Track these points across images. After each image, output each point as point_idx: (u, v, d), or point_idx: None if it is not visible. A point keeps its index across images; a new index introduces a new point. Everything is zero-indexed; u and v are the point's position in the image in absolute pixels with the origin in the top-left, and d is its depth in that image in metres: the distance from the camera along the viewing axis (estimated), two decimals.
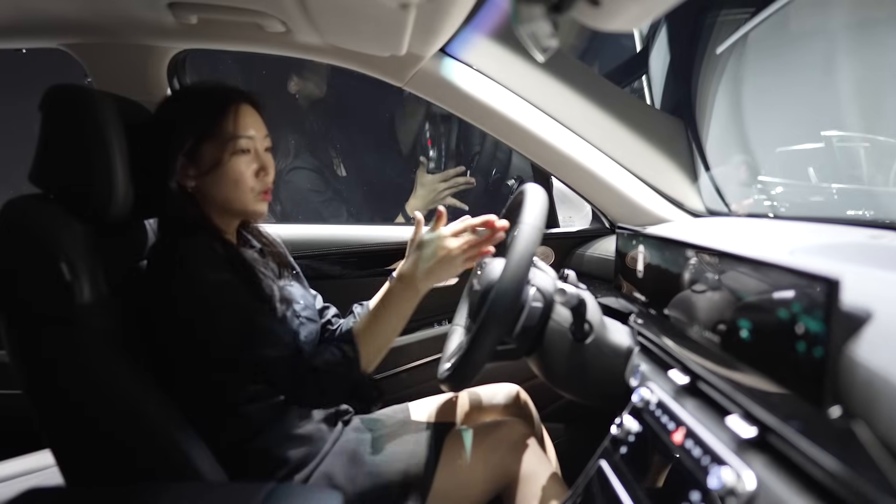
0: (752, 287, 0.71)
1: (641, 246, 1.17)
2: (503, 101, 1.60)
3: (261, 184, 1.17)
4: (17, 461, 1.51)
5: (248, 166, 1.15)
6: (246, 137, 1.14)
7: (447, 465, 1.22)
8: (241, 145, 1.13)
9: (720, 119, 1.70)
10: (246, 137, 1.14)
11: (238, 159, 1.13)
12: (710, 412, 0.78)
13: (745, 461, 0.65)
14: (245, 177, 1.14)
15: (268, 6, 1.22)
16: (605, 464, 0.91)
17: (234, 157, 1.13)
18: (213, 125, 1.12)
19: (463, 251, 1.17)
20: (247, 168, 1.14)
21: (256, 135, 1.16)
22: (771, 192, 1.62)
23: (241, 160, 1.14)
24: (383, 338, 1.17)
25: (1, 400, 1.75)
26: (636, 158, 1.65)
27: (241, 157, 1.14)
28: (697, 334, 0.87)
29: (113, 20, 1.35)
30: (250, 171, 1.15)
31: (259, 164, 1.16)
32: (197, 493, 0.94)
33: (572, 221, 1.88)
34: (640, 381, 0.98)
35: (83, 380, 0.99)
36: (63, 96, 1.07)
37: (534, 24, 0.67)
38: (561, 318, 1.13)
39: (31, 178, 1.07)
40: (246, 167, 1.14)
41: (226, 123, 1.12)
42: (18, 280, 0.99)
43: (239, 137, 1.13)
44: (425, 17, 1.11)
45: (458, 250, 1.16)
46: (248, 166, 1.14)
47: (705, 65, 1.77)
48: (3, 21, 1.36)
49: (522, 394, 1.49)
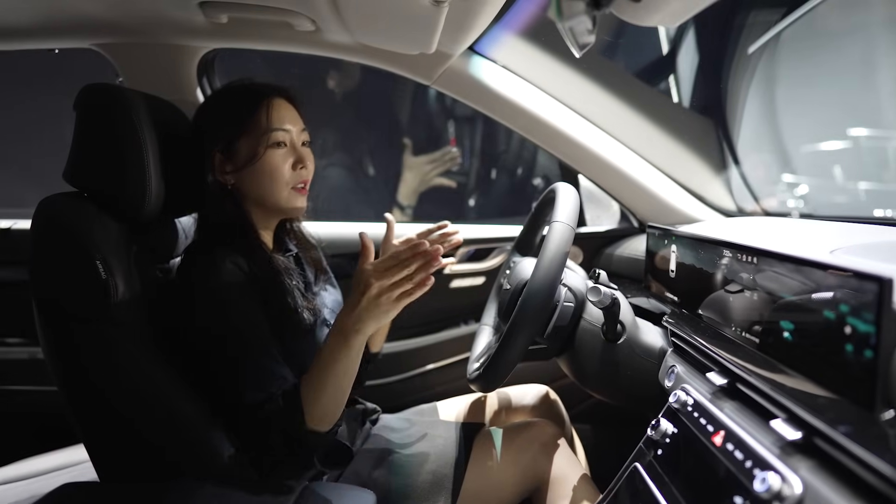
0: (793, 287, 0.69)
1: (674, 245, 1.15)
2: (531, 98, 1.59)
3: (297, 177, 1.15)
4: (52, 455, 1.53)
5: (285, 159, 1.13)
6: (281, 130, 1.12)
7: (477, 465, 1.21)
8: (277, 138, 1.12)
9: (752, 118, 1.68)
10: (281, 130, 1.12)
11: (274, 152, 1.12)
12: (751, 414, 0.76)
13: (790, 465, 0.64)
14: (281, 170, 1.13)
15: (298, 4, 1.22)
16: (640, 466, 0.89)
17: (270, 151, 1.12)
18: (247, 119, 1.11)
19: (387, 290, 0.92)
20: (283, 161, 1.13)
21: (292, 128, 1.15)
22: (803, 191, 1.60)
23: (276, 153, 1.12)
24: (329, 394, 0.99)
25: (37, 396, 1.79)
26: (666, 157, 1.64)
27: (276, 151, 1.12)
28: (735, 335, 0.85)
29: (144, 20, 1.37)
30: (287, 164, 1.13)
31: (295, 157, 1.14)
32: (228, 491, 0.95)
33: (600, 221, 1.86)
34: (674, 383, 0.97)
35: (116, 377, 1.00)
36: (97, 95, 1.08)
37: (574, 19, 0.66)
38: (592, 318, 1.12)
39: (66, 177, 1.08)
40: (282, 160, 1.13)
41: (260, 117, 1.11)
42: (54, 278, 1.01)
43: (273, 130, 1.12)
44: (456, 15, 1.10)
45: (379, 290, 0.92)
46: (284, 159, 1.13)
47: (736, 64, 1.75)
48: (36, 22, 1.38)
49: (552, 394, 1.47)
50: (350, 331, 0.95)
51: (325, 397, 0.99)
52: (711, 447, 0.76)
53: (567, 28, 0.68)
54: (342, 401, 1.02)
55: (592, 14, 0.68)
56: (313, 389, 0.98)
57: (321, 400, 0.98)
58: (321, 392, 0.98)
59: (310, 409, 0.98)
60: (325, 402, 0.99)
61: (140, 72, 1.53)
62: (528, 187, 2.53)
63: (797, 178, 1.64)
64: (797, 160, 1.63)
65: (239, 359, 1.01)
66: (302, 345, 1.12)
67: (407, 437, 1.28)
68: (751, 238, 0.89)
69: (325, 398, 0.99)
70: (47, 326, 1.00)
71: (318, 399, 0.98)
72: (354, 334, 0.95)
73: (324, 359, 0.98)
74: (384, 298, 0.92)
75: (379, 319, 0.94)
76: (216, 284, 1.03)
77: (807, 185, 1.61)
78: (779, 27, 1.59)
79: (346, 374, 0.99)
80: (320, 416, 0.99)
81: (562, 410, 1.45)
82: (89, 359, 0.99)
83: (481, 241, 1.86)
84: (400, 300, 0.93)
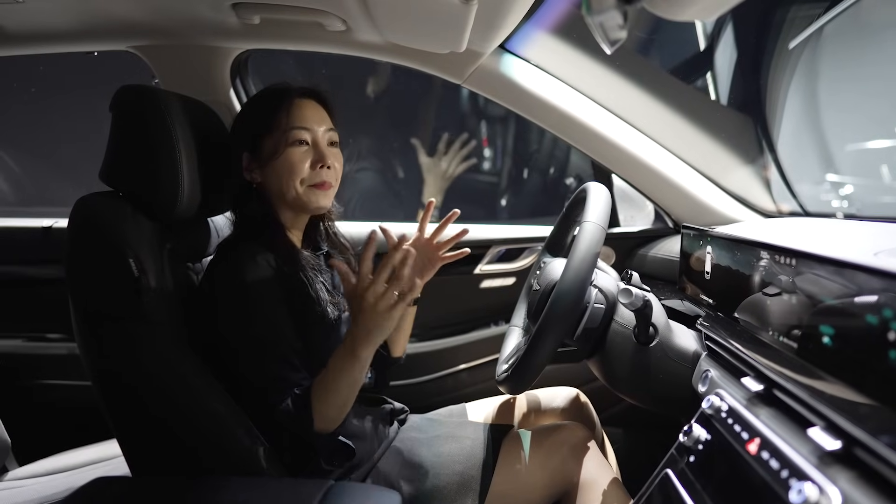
0: (834, 291, 0.67)
1: (709, 246, 1.12)
2: (563, 97, 1.57)
3: (316, 175, 1.15)
4: (88, 449, 1.57)
5: (304, 157, 1.14)
6: (301, 129, 1.14)
7: (505, 467, 1.20)
8: (296, 136, 1.13)
9: (793, 115, 1.63)
10: (301, 129, 1.14)
11: (293, 150, 1.14)
12: (788, 422, 0.74)
13: (828, 476, 0.61)
14: (298, 167, 1.14)
15: (329, 5, 1.23)
16: (671, 472, 0.87)
17: (290, 148, 1.13)
18: (271, 119, 1.14)
19: (381, 297, 0.94)
20: (301, 159, 1.14)
21: (316, 128, 1.16)
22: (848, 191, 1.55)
23: (296, 151, 1.14)
24: (337, 401, 1.03)
25: (75, 390, 1.84)
26: (702, 155, 1.60)
27: (296, 148, 1.14)
28: (772, 340, 0.82)
29: (179, 22, 1.39)
30: (306, 162, 1.14)
31: (316, 155, 1.15)
32: (257, 488, 0.95)
33: (634, 221, 1.83)
34: (708, 388, 0.94)
35: (147, 375, 1.01)
36: (131, 96, 1.10)
37: (604, 14, 0.65)
38: (624, 321, 1.10)
39: (102, 177, 1.11)
40: (301, 157, 1.14)
41: (281, 116, 1.13)
42: (88, 275, 1.03)
43: (293, 129, 1.13)
44: (487, 13, 1.10)
45: (374, 297, 0.94)
46: (303, 157, 1.14)
47: (776, 60, 1.70)
48: (76, 26, 1.42)
49: (582, 397, 1.45)
50: (357, 343, 0.98)
51: (334, 403, 1.03)
52: (746, 455, 0.74)
53: (597, 24, 0.67)
54: (349, 405, 1.05)
55: (623, 9, 0.66)
56: (324, 394, 1.02)
57: (329, 405, 1.03)
58: (330, 398, 1.02)
59: (318, 413, 1.02)
60: (332, 406, 1.03)
61: (175, 73, 1.56)
62: (560, 187, 2.50)
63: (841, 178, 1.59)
64: (841, 159, 1.58)
65: (257, 360, 1.05)
66: (325, 339, 1.14)
67: (435, 438, 1.27)
68: (790, 239, 0.86)
69: (333, 403, 1.03)
70: (82, 323, 1.02)
71: (326, 404, 1.02)
72: (361, 346, 0.98)
73: (334, 367, 1.02)
74: (381, 305, 0.95)
75: (382, 327, 0.96)
76: (239, 283, 1.05)
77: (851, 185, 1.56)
78: (821, 21, 1.55)
79: (355, 383, 1.03)
80: (328, 419, 1.04)
81: (592, 414, 1.43)
82: (121, 356, 1.00)
83: (512, 241, 1.84)
84: (396, 305, 0.95)
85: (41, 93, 2.88)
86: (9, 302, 1.90)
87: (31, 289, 1.89)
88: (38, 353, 1.90)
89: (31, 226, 1.86)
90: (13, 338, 1.91)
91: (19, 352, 1.88)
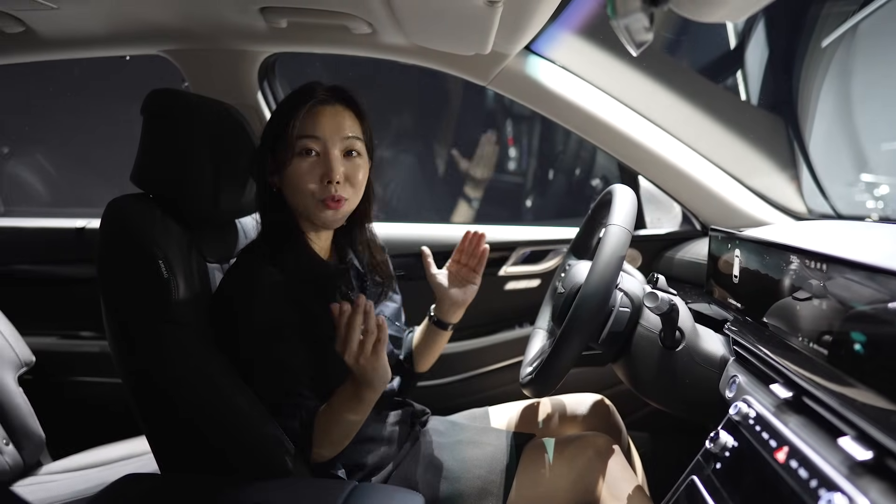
0: (866, 296, 0.66)
1: (738, 249, 1.11)
2: (589, 98, 1.56)
3: (325, 190, 1.06)
4: (119, 446, 1.61)
5: (311, 169, 1.06)
6: (309, 138, 1.06)
7: (526, 474, 1.19)
8: (303, 146, 1.06)
9: (825, 115, 1.60)
10: (309, 138, 1.06)
11: (300, 161, 1.06)
12: (818, 431, 0.72)
13: (859, 487, 0.60)
14: (304, 179, 1.06)
15: (354, 8, 1.23)
16: (697, 479, 0.86)
17: (296, 159, 1.06)
18: (284, 124, 1.06)
19: (358, 352, 0.95)
20: (308, 171, 1.06)
21: (328, 136, 1.06)
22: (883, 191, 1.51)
23: (302, 162, 1.06)
24: (337, 435, 1.05)
25: (106, 388, 1.88)
26: (731, 157, 1.58)
27: (303, 159, 1.06)
28: (801, 345, 0.81)
29: (209, 27, 1.41)
30: (313, 175, 1.06)
31: (324, 168, 1.06)
32: (281, 488, 0.96)
33: (661, 223, 1.81)
34: (736, 394, 0.93)
35: (174, 375, 1.02)
36: (161, 100, 1.12)
37: (630, 16, 0.64)
38: (650, 325, 1.09)
39: (133, 179, 1.13)
40: (307, 169, 1.06)
41: (292, 123, 1.05)
42: (118, 276, 1.05)
43: (300, 138, 1.05)
44: (512, 15, 1.09)
45: (353, 358, 0.95)
46: (310, 168, 1.06)
47: (809, 59, 1.67)
48: (109, 31, 1.45)
49: (608, 404, 1.42)
50: (360, 389, 0.99)
51: (334, 436, 1.05)
52: (774, 463, 0.72)
53: (623, 26, 0.66)
54: (350, 438, 1.07)
55: (649, 11, 0.65)
56: (326, 427, 1.04)
57: (330, 437, 1.05)
58: (331, 431, 1.04)
59: (319, 442, 1.04)
60: (333, 439, 1.06)
61: (204, 76, 1.59)
62: (586, 188, 2.49)
63: (877, 178, 1.55)
64: (877, 159, 1.54)
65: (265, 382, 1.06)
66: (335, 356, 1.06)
67: (456, 442, 1.27)
68: (821, 243, 0.84)
69: (333, 436, 1.05)
70: (113, 323, 1.04)
71: (327, 436, 1.05)
72: (364, 391, 0.99)
73: (339, 405, 1.03)
74: (362, 360, 0.95)
75: (373, 379, 0.97)
76: (252, 305, 1.05)
77: (887, 186, 1.52)
78: (856, 18, 1.51)
79: (357, 422, 1.05)
80: (327, 448, 1.06)
81: (618, 420, 1.39)
82: (150, 356, 1.02)
83: (537, 242, 1.83)
84: (375, 352, 0.95)
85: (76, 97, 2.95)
86: (44, 300, 1.96)
87: (65, 288, 1.94)
88: (72, 350, 1.95)
89: (66, 226, 1.90)
90: (48, 335, 1.95)
91: (53, 349, 1.93)
